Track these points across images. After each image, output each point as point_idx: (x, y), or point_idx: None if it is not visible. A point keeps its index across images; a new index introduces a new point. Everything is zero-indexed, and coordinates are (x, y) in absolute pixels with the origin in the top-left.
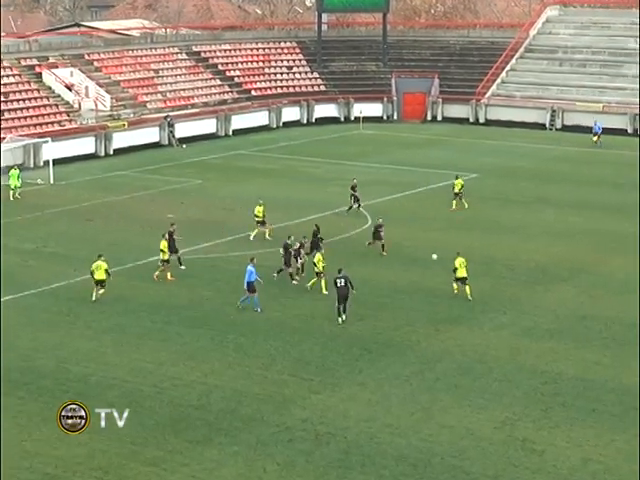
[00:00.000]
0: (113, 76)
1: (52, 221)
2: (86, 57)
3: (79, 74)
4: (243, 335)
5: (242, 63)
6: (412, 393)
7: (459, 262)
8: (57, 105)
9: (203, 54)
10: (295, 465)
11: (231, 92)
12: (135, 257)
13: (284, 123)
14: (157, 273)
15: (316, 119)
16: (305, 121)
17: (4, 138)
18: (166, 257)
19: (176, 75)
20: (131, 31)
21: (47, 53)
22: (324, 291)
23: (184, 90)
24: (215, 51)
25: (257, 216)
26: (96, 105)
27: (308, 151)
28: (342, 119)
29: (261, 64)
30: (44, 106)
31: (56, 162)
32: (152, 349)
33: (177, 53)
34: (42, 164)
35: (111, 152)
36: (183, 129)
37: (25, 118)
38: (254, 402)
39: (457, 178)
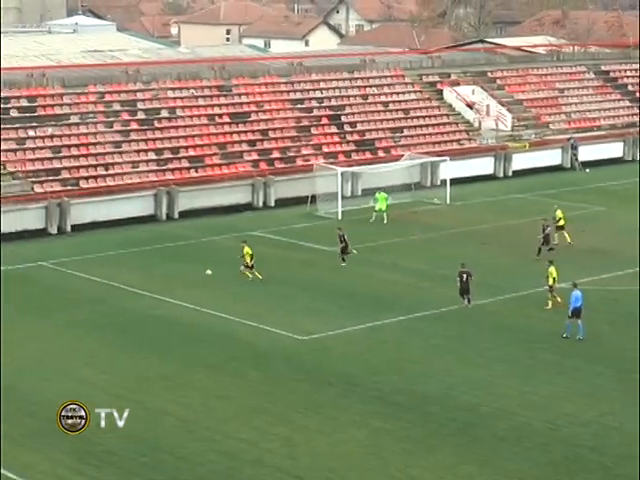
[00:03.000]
0: (516, 95)
1: (446, 242)
2: (489, 75)
3: (480, 92)
4: None
5: None
6: None
7: None
8: (457, 123)
9: (612, 73)
10: None
11: None
12: (530, 285)
13: None
14: (551, 301)
15: None
16: None
17: (402, 155)
18: (551, 283)
19: (582, 95)
20: (536, 48)
21: (449, 70)
22: None
23: (590, 111)
24: (625, 70)
25: (557, 221)
26: (497, 124)
27: None
28: None
29: None
30: (443, 124)
31: (453, 182)
32: (545, 382)
33: (584, 72)
34: (439, 183)
35: (510, 174)
36: (587, 152)
37: (424, 136)
38: None
39: None
